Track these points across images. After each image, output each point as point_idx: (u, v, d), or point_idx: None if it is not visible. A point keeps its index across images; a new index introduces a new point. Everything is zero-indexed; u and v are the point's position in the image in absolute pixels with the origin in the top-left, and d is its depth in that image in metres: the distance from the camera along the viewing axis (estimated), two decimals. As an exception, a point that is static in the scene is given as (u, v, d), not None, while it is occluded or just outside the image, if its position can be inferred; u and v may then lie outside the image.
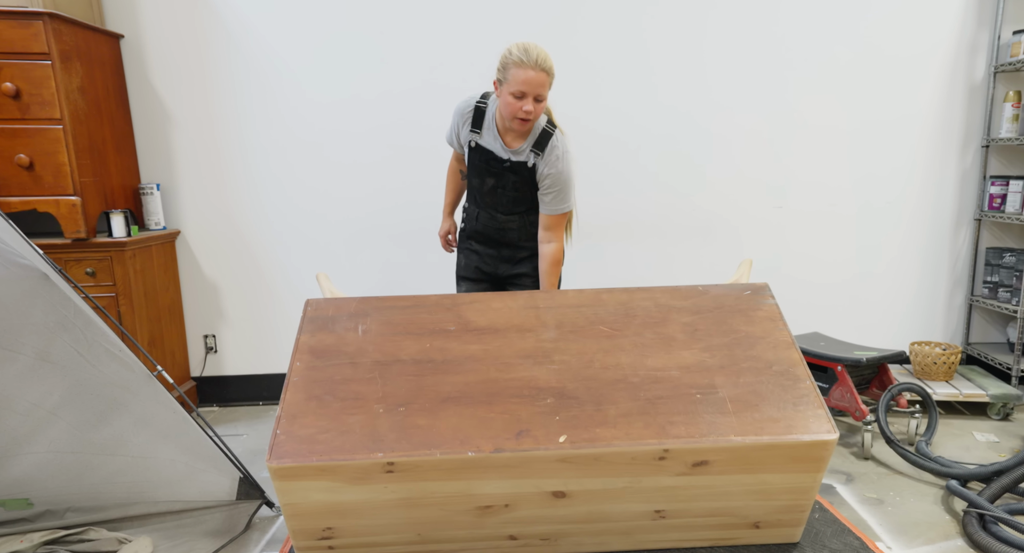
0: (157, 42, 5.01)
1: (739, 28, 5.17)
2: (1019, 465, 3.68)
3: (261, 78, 5.09)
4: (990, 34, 5.20)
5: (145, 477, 3.60)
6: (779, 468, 2.87)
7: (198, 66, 5.06)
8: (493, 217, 3.94)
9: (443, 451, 2.72)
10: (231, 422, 5.17)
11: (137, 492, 3.62)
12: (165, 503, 3.66)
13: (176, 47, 5.02)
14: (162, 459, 3.60)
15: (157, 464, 3.60)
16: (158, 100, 5.08)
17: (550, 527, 2.99)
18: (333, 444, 2.73)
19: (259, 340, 5.46)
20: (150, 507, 3.65)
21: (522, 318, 3.25)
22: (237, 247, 5.31)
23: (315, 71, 5.11)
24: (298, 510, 2.80)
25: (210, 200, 5.24)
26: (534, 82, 3.42)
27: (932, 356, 5.06)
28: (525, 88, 3.43)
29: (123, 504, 3.63)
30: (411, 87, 5.15)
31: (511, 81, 3.45)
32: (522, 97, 3.46)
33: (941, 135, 5.33)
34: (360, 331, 3.18)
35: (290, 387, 2.94)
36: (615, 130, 5.26)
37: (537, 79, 3.42)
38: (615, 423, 2.82)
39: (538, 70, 3.42)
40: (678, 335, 3.19)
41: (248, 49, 5.05)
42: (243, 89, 5.11)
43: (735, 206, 5.40)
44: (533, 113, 3.50)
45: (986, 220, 5.44)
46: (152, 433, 3.55)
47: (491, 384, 2.97)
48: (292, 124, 5.17)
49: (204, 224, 5.28)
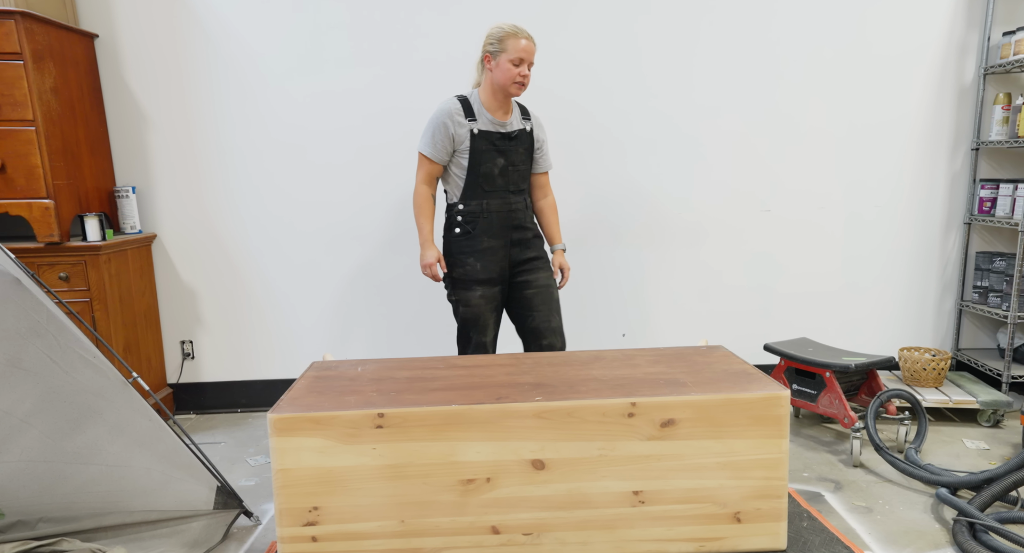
0: (132, 42, 4.94)
1: (732, 31, 5.13)
2: (1009, 473, 3.65)
3: (240, 79, 5.03)
4: (980, 35, 5.16)
5: (120, 486, 3.54)
6: (743, 431, 3.12)
7: (175, 66, 4.99)
8: (505, 200, 4.20)
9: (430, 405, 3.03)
10: (208, 430, 5.09)
11: (112, 502, 3.56)
12: (140, 513, 3.59)
13: (152, 47, 4.96)
14: (137, 468, 3.53)
15: (132, 473, 3.53)
16: (134, 101, 5.01)
17: (532, 515, 3.11)
18: (329, 406, 3.04)
19: (237, 346, 5.38)
20: (125, 517, 3.58)
21: (503, 360, 3.71)
22: (215, 251, 5.24)
23: (296, 72, 5.05)
24: (289, 479, 2.99)
25: (187, 203, 5.17)
26: (528, 49, 3.97)
27: (922, 362, 5.01)
28: (523, 55, 3.96)
29: (97, 514, 3.57)
30: (392, 85, 5.10)
31: (509, 50, 3.95)
32: (520, 64, 3.97)
33: (930, 138, 5.28)
34: (359, 369, 3.59)
35: (292, 389, 3.27)
36: (602, 132, 5.22)
37: (529, 46, 3.97)
38: (586, 395, 3.12)
39: (529, 40, 3.97)
40: (643, 362, 3.60)
41: (227, 49, 4.99)
42: (221, 90, 5.04)
43: (724, 209, 5.35)
44: (528, 77, 4.02)
45: (976, 224, 5.40)
46: (127, 441, 3.49)
47: (476, 383, 3.32)
48: (271, 126, 5.10)
49: (181, 228, 5.20)
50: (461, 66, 5.09)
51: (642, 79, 5.18)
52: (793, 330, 5.54)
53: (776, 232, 5.39)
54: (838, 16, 5.12)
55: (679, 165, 5.29)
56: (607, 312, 5.47)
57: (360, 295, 5.33)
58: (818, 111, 5.25)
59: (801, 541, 3.41)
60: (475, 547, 3.11)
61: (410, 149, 5.16)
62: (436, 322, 5.40)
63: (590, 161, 5.24)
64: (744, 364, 3.53)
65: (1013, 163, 5.32)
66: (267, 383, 5.43)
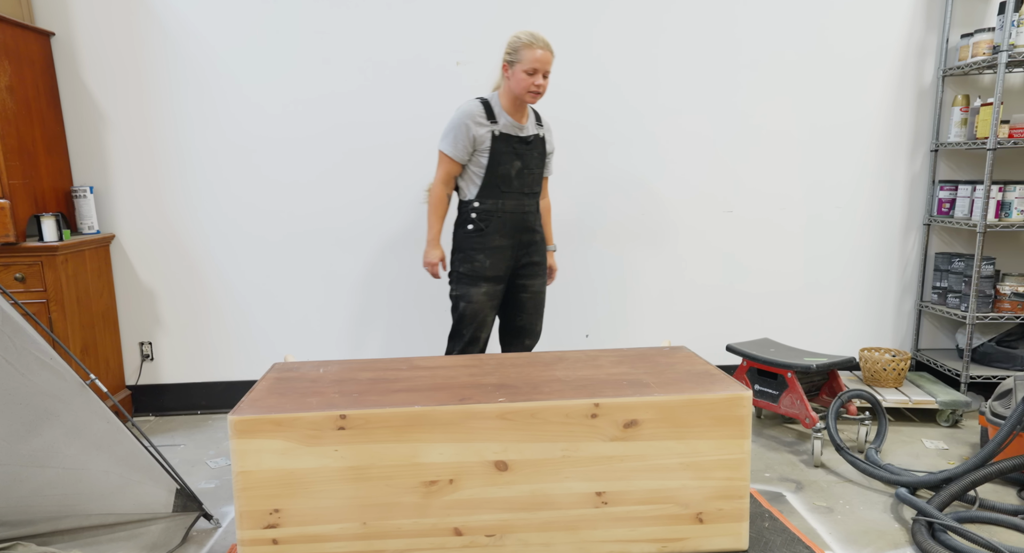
0: (90, 40, 4.89)
1: (694, 34, 5.14)
2: (967, 473, 3.67)
3: (199, 79, 4.99)
4: (938, 38, 5.20)
5: (77, 489, 3.48)
6: (705, 431, 3.12)
7: (133, 66, 4.94)
8: (519, 202, 4.30)
9: (392, 406, 3.01)
10: (168, 432, 5.04)
11: (68, 505, 3.50)
12: (98, 516, 3.54)
13: (110, 46, 4.90)
14: (95, 470, 3.48)
15: (90, 476, 3.48)
16: (91, 100, 4.95)
17: (495, 516, 3.10)
18: (291, 407, 3.02)
19: (197, 347, 5.33)
20: (82, 520, 3.53)
21: (466, 361, 3.69)
22: (174, 252, 5.19)
23: (257, 73, 5.01)
24: (250, 481, 2.97)
25: (146, 204, 5.11)
26: (543, 60, 4.03)
27: (882, 362, 5.04)
28: (537, 65, 4.02)
29: (53, 518, 3.50)
30: (355, 87, 5.07)
31: (524, 61, 4.03)
32: (534, 73, 4.05)
33: (890, 139, 5.32)
34: (321, 370, 3.57)
35: (253, 391, 3.25)
36: (562, 133, 5.20)
37: (545, 57, 4.03)
38: (550, 396, 3.12)
39: (545, 50, 4.03)
40: (606, 364, 3.60)
41: (186, 49, 4.95)
42: (180, 90, 4.99)
43: (688, 210, 5.36)
44: (543, 87, 4.09)
45: (935, 225, 5.44)
46: (84, 444, 3.44)
47: (439, 384, 3.32)
48: (231, 127, 5.06)
49: (140, 228, 5.15)
50: (427, 77, 5.07)
51: (607, 80, 5.18)
52: (754, 331, 5.55)
53: (739, 233, 5.40)
54: (799, 19, 5.14)
55: (643, 166, 5.29)
56: (570, 313, 5.46)
57: (323, 296, 5.30)
58: (780, 112, 5.26)
59: (763, 541, 3.41)
60: (437, 549, 3.10)
61: (373, 154, 5.14)
62: (400, 322, 5.37)
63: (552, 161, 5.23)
64: (707, 365, 3.54)
65: (971, 164, 5.36)
66: (228, 385, 5.38)
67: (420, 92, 5.10)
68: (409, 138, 5.14)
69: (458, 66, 5.09)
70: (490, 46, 5.08)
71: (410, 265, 5.29)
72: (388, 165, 5.17)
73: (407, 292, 5.33)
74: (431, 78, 5.08)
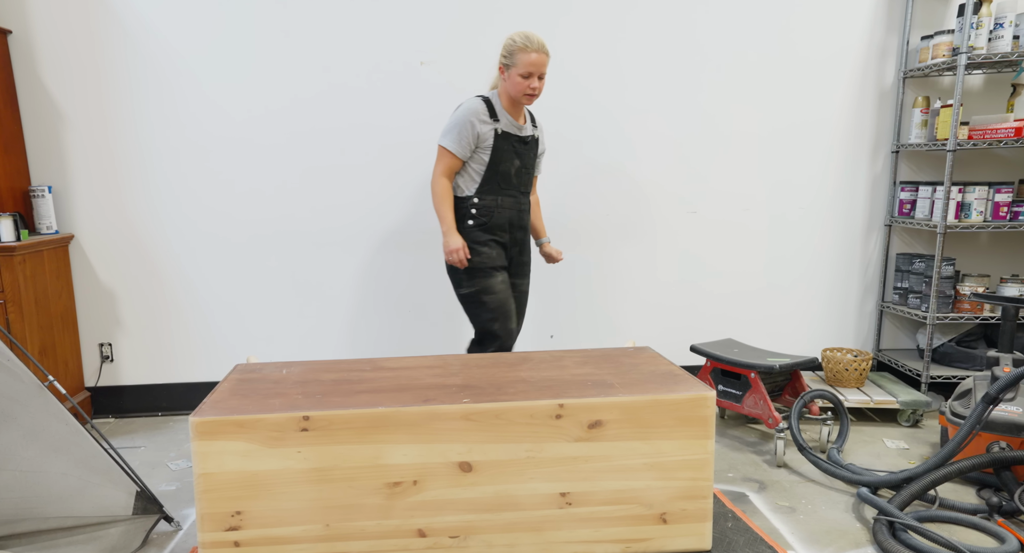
0: (48, 38, 4.83)
1: (656, 36, 5.14)
2: (928, 472, 3.70)
3: (159, 77, 4.94)
4: (899, 39, 5.23)
5: (35, 492, 3.44)
6: (669, 432, 3.12)
7: (92, 64, 4.89)
8: (517, 200, 4.35)
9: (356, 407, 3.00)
10: (128, 434, 5.00)
11: (26, 508, 3.45)
12: (56, 519, 3.50)
13: (68, 44, 4.85)
14: (53, 473, 3.44)
15: (48, 479, 3.44)
16: (49, 99, 4.89)
17: (459, 517, 3.09)
18: (253, 409, 2.99)
19: (158, 348, 5.28)
20: (40, 524, 3.48)
21: (430, 362, 3.69)
22: (135, 252, 5.14)
23: (217, 71, 4.97)
24: (212, 483, 2.95)
25: (106, 204, 5.06)
26: (537, 62, 4.04)
27: (844, 363, 5.06)
28: (531, 69, 4.04)
29: (10, 521, 3.46)
30: (317, 91, 5.05)
31: (519, 64, 4.05)
32: (529, 76, 4.06)
33: (852, 140, 5.35)
34: (284, 371, 3.55)
35: (215, 392, 3.23)
36: (526, 133, 5.19)
37: (539, 60, 4.04)
38: (514, 397, 3.11)
39: (540, 52, 4.04)
40: (571, 364, 3.61)
41: (146, 47, 4.90)
42: (140, 89, 4.94)
43: (652, 210, 5.36)
44: (539, 88, 4.12)
45: (896, 226, 5.48)
46: (42, 446, 3.39)
47: (403, 385, 3.30)
48: (192, 126, 5.02)
49: (100, 228, 5.09)
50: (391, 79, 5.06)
51: (571, 79, 5.18)
52: (718, 332, 5.57)
53: (703, 233, 5.42)
54: (761, 20, 5.16)
55: (608, 165, 5.29)
56: (535, 313, 5.45)
57: (285, 296, 5.27)
58: (743, 114, 5.28)
59: (726, 541, 3.42)
60: (401, 550, 3.08)
61: (335, 150, 5.11)
62: (364, 324, 5.35)
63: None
64: (671, 365, 3.54)
65: (932, 166, 5.41)
66: (189, 386, 5.34)
67: (383, 95, 5.08)
68: (374, 141, 5.13)
69: (422, 66, 5.07)
70: (455, 45, 5.06)
71: (373, 266, 5.27)
72: (353, 169, 5.15)
73: (371, 293, 5.31)
74: (395, 80, 5.07)
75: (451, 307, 5.38)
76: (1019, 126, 4.77)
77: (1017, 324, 4.39)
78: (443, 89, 5.12)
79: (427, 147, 5.16)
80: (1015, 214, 4.97)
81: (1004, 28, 4.74)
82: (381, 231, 5.23)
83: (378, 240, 5.24)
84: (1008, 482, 3.72)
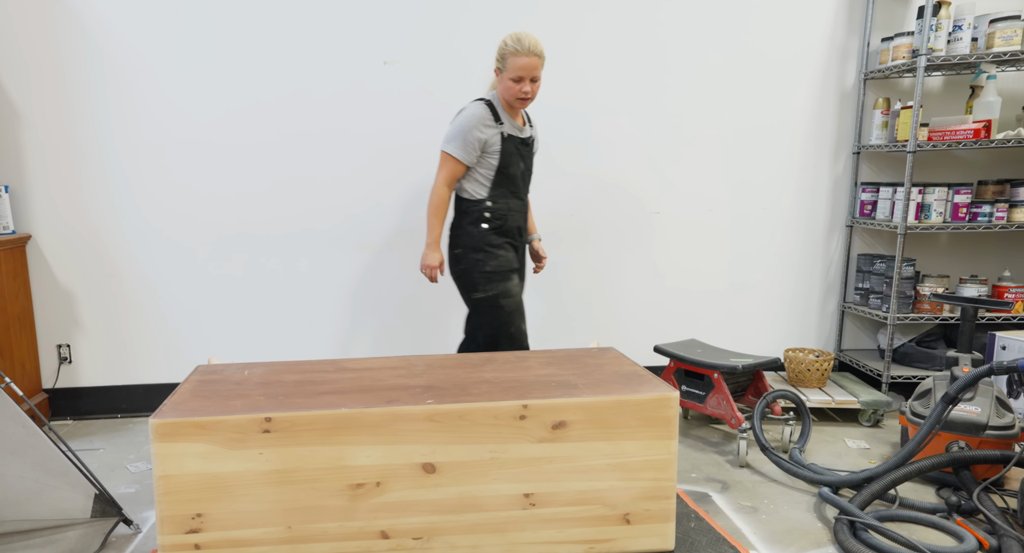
0: (2, 34, 4.77)
1: (618, 37, 5.14)
2: (888, 472, 3.72)
3: (118, 75, 4.89)
4: (860, 41, 5.27)
5: (-10, 496, 3.41)
6: (633, 432, 3.12)
7: (48, 61, 4.83)
8: (522, 202, 4.35)
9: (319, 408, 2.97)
10: (86, 436, 4.94)
11: (-19, 512, 3.43)
12: (12, 522, 3.46)
13: (24, 41, 4.79)
14: (9, 476, 3.40)
15: (4, 481, 3.40)
16: (5, 97, 4.83)
17: (422, 519, 3.08)
18: (214, 410, 2.96)
19: (118, 349, 5.23)
20: (-5, 528, 3.46)
21: (394, 363, 3.68)
22: (94, 252, 5.08)
23: (176, 70, 4.93)
24: (172, 485, 2.92)
25: (64, 203, 5.00)
26: (528, 66, 3.99)
27: (806, 363, 5.09)
28: (522, 73, 4.00)
29: (-34, 525, 3.44)
30: (284, 94, 5.02)
31: (510, 68, 4.02)
32: (520, 80, 4.03)
33: (814, 141, 5.38)
34: (246, 372, 3.52)
35: (176, 394, 3.20)
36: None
37: (531, 63, 3.99)
38: (478, 397, 3.10)
39: (531, 56, 3.99)
40: (535, 365, 3.60)
41: (104, 45, 4.84)
42: (99, 87, 4.89)
43: (616, 210, 5.36)
44: (531, 92, 4.08)
45: (858, 227, 5.51)
46: (-3, 449, 3.37)
47: (366, 386, 3.28)
48: (152, 125, 4.97)
49: (57, 228, 5.04)
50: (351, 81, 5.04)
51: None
52: (681, 332, 5.58)
53: (666, 234, 5.43)
54: (723, 21, 5.18)
55: (571, 166, 5.29)
56: (497, 314, 5.45)
57: (248, 297, 5.23)
58: (706, 114, 5.30)
59: (688, 541, 3.42)
60: (364, 553, 3.07)
61: (296, 153, 5.08)
62: (328, 324, 5.32)
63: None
64: (634, 366, 3.54)
65: (892, 167, 5.44)
66: (149, 387, 5.29)
67: (347, 99, 5.06)
68: (337, 145, 5.11)
69: (385, 65, 5.05)
70: (418, 46, 5.05)
71: (335, 266, 5.24)
72: (314, 173, 5.12)
73: (334, 293, 5.28)
74: (360, 83, 5.04)
75: (411, 308, 5.36)
76: (978, 128, 4.81)
77: (976, 324, 4.43)
78: (411, 93, 5.10)
79: (393, 151, 5.15)
80: (974, 215, 5.01)
81: (963, 30, 4.78)
82: (340, 233, 5.20)
83: (337, 241, 5.21)
84: (967, 481, 3.75)
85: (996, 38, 4.75)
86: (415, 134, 5.14)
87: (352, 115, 5.08)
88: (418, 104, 5.12)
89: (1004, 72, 5.31)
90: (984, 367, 3.55)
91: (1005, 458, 3.72)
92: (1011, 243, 5.54)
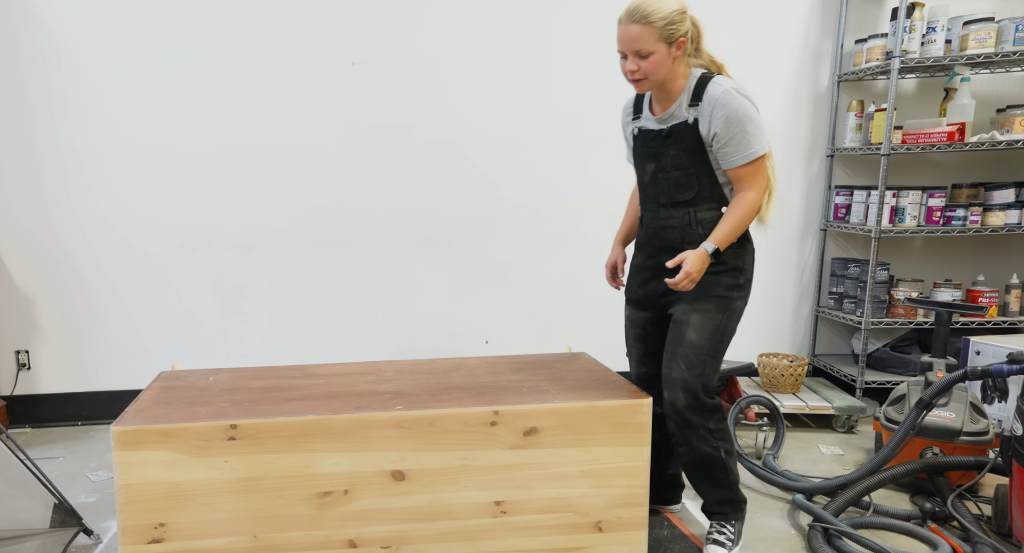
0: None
1: (588, 31, 5.12)
2: (862, 478, 3.71)
3: (78, 75, 4.81)
4: (833, 42, 5.26)
5: (-56, 506, 3.36)
6: (606, 438, 3.11)
7: (3, 59, 4.75)
8: (655, 214, 3.37)
9: (285, 415, 2.94)
10: (46, 444, 4.86)
11: (-65, 523, 3.38)
12: (-33, 534, 3.42)
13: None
14: (-36, 486, 3.36)
15: (-42, 492, 3.36)
16: (-36, 96, 4.77)
17: (391, 527, 3.06)
18: (178, 417, 2.91)
19: (78, 355, 5.14)
20: (-50, 539, 3.41)
21: (362, 368, 3.66)
22: (53, 256, 4.99)
23: (137, 70, 4.86)
24: (134, 494, 2.87)
25: (22, 206, 4.91)
26: (624, 38, 3.04)
27: (780, 368, 5.06)
28: (620, 46, 3.09)
29: (-82, 536, 3.38)
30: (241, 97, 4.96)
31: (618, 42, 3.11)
32: (625, 57, 3.09)
33: (788, 144, 5.36)
34: (211, 379, 3.48)
35: (138, 401, 3.14)
36: (454, 134, 5.15)
37: (627, 33, 3.03)
38: (448, 403, 3.08)
39: (627, 24, 3.03)
40: (506, 371, 3.58)
41: (63, 44, 4.76)
42: (58, 87, 4.81)
43: (587, 215, 5.33)
44: (639, 71, 3.09)
45: (831, 230, 5.49)
46: (-48, 458, 3.31)
47: (334, 392, 3.26)
48: (113, 126, 4.89)
49: (15, 232, 4.94)
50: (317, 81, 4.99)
51: (497, 84, 5.13)
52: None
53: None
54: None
55: (541, 171, 5.25)
56: (470, 319, 5.40)
57: (212, 303, 5.15)
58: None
59: (661, 549, 3.42)
60: (331, 563, 3.04)
61: (259, 155, 5.03)
62: (294, 330, 5.26)
63: (452, 164, 5.17)
64: (607, 371, 3.52)
65: (866, 170, 5.43)
66: (111, 394, 5.20)
67: (312, 98, 5.01)
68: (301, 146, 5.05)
69: (353, 66, 5.00)
70: (384, 46, 5.00)
71: (299, 271, 5.18)
72: (278, 175, 5.06)
73: (301, 299, 5.22)
74: (327, 80, 4.99)
75: (382, 312, 5.30)
76: (952, 131, 4.80)
77: (950, 329, 4.42)
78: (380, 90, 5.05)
79: (353, 153, 5.09)
80: (948, 219, 5.00)
81: (936, 32, 4.77)
82: (306, 238, 5.14)
83: (305, 245, 5.15)
84: (941, 488, 3.74)
85: (970, 40, 4.74)
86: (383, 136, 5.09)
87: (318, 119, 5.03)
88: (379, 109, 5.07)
89: (978, 74, 5.30)
90: (958, 372, 3.54)
91: (979, 464, 3.72)
92: (985, 247, 5.54)
